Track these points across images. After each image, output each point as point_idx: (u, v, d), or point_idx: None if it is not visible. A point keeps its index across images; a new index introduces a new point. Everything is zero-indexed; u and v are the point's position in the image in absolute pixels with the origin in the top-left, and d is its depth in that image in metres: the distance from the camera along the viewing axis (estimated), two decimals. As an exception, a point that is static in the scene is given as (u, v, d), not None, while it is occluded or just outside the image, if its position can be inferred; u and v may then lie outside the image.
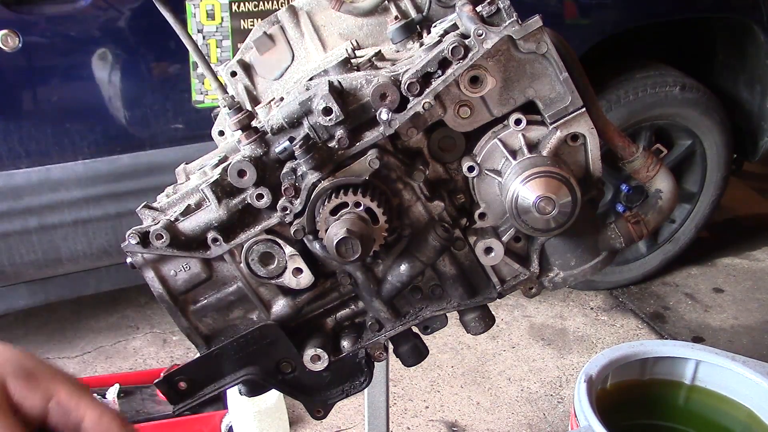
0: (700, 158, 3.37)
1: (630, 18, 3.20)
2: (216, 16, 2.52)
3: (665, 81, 3.15)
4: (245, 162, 0.92)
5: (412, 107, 0.92)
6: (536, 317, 3.36)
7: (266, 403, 2.48)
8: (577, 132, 0.96)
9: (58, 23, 2.43)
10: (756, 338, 3.22)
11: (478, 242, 0.99)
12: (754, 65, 3.43)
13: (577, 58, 0.99)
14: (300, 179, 0.93)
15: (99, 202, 2.61)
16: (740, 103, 3.52)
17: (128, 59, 2.54)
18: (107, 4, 2.47)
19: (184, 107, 2.62)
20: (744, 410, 1.83)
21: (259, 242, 0.96)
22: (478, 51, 0.91)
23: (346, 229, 0.86)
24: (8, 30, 2.31)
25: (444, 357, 3.02)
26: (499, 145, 0.96)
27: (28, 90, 2.49)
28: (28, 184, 2.50)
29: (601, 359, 1.82)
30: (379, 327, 1.04)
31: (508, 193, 0.92)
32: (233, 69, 1.32)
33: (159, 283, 0.97)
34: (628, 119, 3.11)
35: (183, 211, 0.96)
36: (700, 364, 1.88)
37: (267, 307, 1.01)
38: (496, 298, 1.04)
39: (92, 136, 2.55)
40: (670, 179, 1.06)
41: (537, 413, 2.76)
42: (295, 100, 0.94)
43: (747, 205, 4.46)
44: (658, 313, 3.41)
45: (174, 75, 2.60)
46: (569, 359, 3.08)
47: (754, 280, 3.64)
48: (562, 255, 1.03)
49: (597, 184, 1.00)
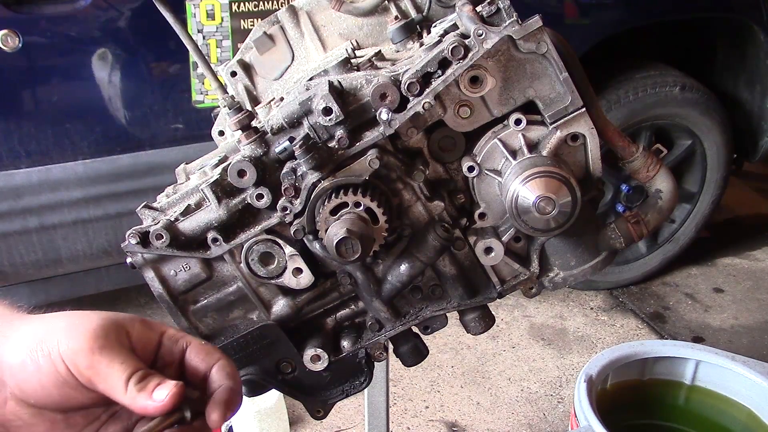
0: (700, 158, 3.37)
1: (630, 18, 3.20)
2: (216, 16, 2.52)
3: (665, 81, 3.15)
4: (245, 162, 0.92)
5: (412, 107, 0.92)
6: (536, 317, 3.36)
7: (266, 403, 2.48)
8: (577, 132, 0.96)
9: (58, 23, 2.43)
10: (756, 338, 3.22)
11: (478, 242, 0.99)
12: (754, 65, 3.43)
13: (577, 58, 0.99)
14: (300, 179, 0.93)
15: (99, 202, 2.61)
16: (740, 103, 3.53)
17: (128, 59, 2.54)
18: (107, 4, 2.47)
19: (184, 107, 2.62)
20: (744, 410, 1.83)
21: (259, 242, 0.96)
22: (478, 51, 0.91)
23: (346, 229, 0.86)
24: (8, 30, 2.31)
25: (444, 357, 3.02)
26: (499, 145, 0.96)
27: (28, 90, 2.49)
28: (28, 184, 2.50)
29: (601, 359, 1.82)
30: (379, 327, 1.04)
31: (508, 193, 0.92)
32: (233, 69, 1.32)
33: (159, 283, 0.97)
34: (628, 119, 3.11)
35: (183, 211, 0.96)
36: (700, 364, 1.88)
37: (267, 307, 1.01)
38: (496, 298, 1.04)
39: (92, 136, 2.55)
40: (670, 179, 1.06)
41: (537, 413, 2.76)
42: (295, 100, 0.94)
43: (747, 205, 4.46)
44: (658, 313, 3.42)
45: (174, 75, 2.61)
46: (569, 359, 3.08)
47: (754, 280, 3.64)
48: (562, 255, 1.03)
49: (597, 184, 1.00)
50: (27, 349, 0.69)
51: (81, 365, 0.68)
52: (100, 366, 0.68)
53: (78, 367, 0.68)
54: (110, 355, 0.69)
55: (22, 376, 0.69)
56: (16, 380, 0.70)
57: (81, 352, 0.68)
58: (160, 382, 0.69)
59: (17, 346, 0.70)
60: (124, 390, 0.68)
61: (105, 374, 0.68)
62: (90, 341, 0.69)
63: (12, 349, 0.70)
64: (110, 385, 0.68)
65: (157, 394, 0.68)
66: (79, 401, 0.71)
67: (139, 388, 0.68)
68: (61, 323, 0.71)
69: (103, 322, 0.71)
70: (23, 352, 0.69)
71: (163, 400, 0.68)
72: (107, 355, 0.69)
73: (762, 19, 3.24)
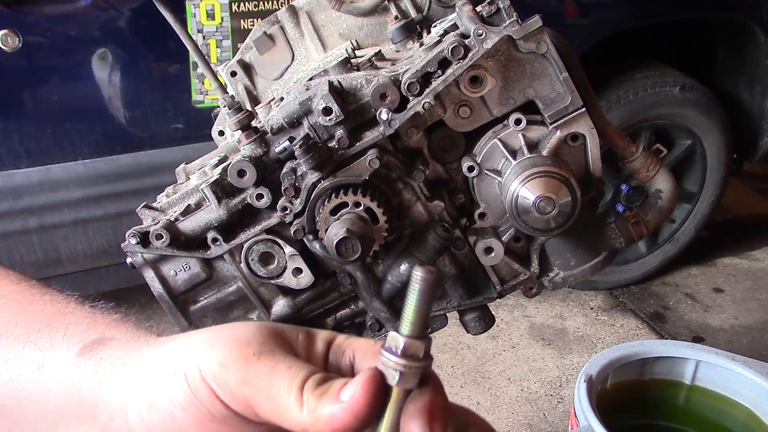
0: (700, 158, 3.37)
1: (630, 18, 3.20)
2: (216, 16, 2.52)
3: (665, 81, 3.15)
4: (245, 162, 0.92)
5: (412, 107, 0.92)
6: (536, 317, 3.36)
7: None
8: (577, 132, 0.96)
9: (58, 23, 2.43)
10: (756, 338, 3.22)
11: (478, 242, 0.99)
12: (754, 65, 3.43)
13: (577, 58, 0.99)
14: (300, 179, 0.93)
15: (99, 202, 2.61)
16: (740, 103, 3.53)
17: (128, 59, 2.54)
18: (107, 4, 2.47)
19: (183, 107, 2.62)
20: (744, 410, 1.83)
21: (259, 242, 0.96)
22: (478, 51, 0.91)
23: (346, 229, 0.86)
24: (8, 30, 2.31)
25: (444, 357, 3.02)
26: (499, 145, 0.96)
27: (28, 90, 2.49)
28: (28, 184, 2.50)
29: (601, 359, 1.82)
30: (379, 327, 1.04)
31: (508, 193, 0.92)
32: (233, 69, 1.32)
33: (159, 283, 0.97)
34: (628, 119, 3.12)
35: (183, 211, 0.96)
36: (700, 364, 1.88)
37: (267, 307, 1.01)
38: (496, 298, 1.04)
39: (92, 136, 2.55)
40: (670, 179, 1.06)
41: (537, 413, 2.76)
42: (295, 100, 0.94)
43: (747, 205, 4.46)
44: (658, 313, 3.41)
45: (174, 75, 2.60)
46: (569, 359, 3.08)
47: (754, 280, 3.64)
48: (562, 255, 1.03)
49: (597, 184, 1.00)
50: (153, 381, 0.51)
51: (232, 382, 0.49)
52: (259, 378, 0.49)
53: (228, 386, 0.49)
54: (272, 362, 0.50)
55: (151, 420, 0.51)
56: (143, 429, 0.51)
57: (231, 364, 0.50)
58: (346, 382, 0.49)
59: (141, 379, 0.53)
60: (299, 401, 0.48)
61: (268, 388, 0.48)
62: (243, 348, 0.51)
63: (136, 385, 0.53)
64: (277, 401, 0.48)
65: (345, 393, 0.48)
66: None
67: (320, 393, 0.48)
68: (200, 337, 0.54)
69: (258, 329, 0.54)
70: (149, 386, 0.52)
71: (355, 397, 0.47)
72: (268, 362, 0.50)
73: (762, 19, 3.24)
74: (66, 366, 0.56)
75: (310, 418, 0.47)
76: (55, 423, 0.56)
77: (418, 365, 0.48)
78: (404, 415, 0.48)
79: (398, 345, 0.48)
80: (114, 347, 0.56)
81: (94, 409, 0.54)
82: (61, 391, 0.55)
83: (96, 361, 0.55)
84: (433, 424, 0.48)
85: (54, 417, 0.56)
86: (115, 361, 0.55)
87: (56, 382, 0.56)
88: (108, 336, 0.58)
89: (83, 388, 0.55)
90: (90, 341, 0.57)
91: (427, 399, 0.49)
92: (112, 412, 0.53)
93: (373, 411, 0.47)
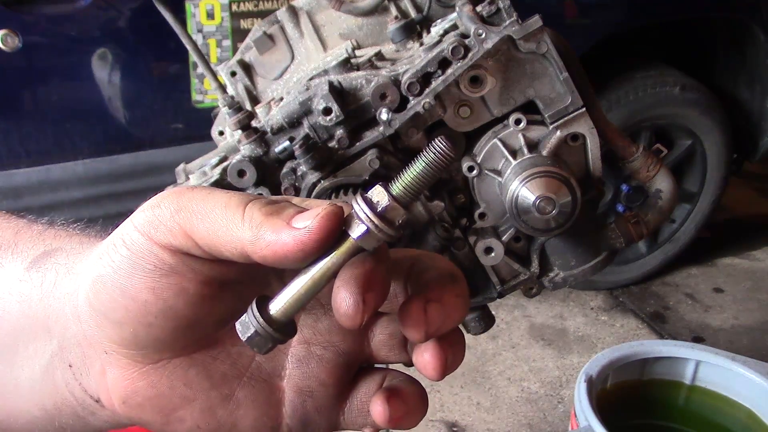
0: (700, 158, 3.37)
1: (630, 18, 3.20)
2: (216, 16, 2.52)
3: (665, 81, 3.15)
4: (245, 162, 0.92)
5: (412, 107, 0.92)
6: (536, 317, 3.36)
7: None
8: (577, 132, 0.96)
9: (58, 23, 2.43)
10: (756, 338, 3.22)
11: (478, 242, 0.99)
12: (754, 65, 3.43)
13: (577, 58, 0.99)
14: (300, 179, 0.93)
15: (99, 202, 2.61)
16: (740, 103, 3.52)
17: (128, 59, 2.54)
18: (107, 4, 2.47)
19: (183, 107, 2.62)
20: (744, 410, 1.83)
21: (259, 242, 0.95)
22: (478, 51, 0.91)
23: (346, 229, 0.86)
24: (8, 30, 2.31)
25: (444, 357, 3.02)
26: (499, 144, 0.96)
27: (28, 90, 2.49)
28: (28, 184, 2.50)
29: (601, 359, 1.82)
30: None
31: (508, 193, 0.92)
32: (233, 69, 1.32)
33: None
34: (629, 119, 3.11)
35: (183, 211, 0.96)
36: (700, 364, 1.87)
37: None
38: (496, 298, 1.04)
39: (92, 136, 2.55)
40: (670, 179, 1.06)
41: (537, 413, 2.76)
42: (295, 100, 0.94)
43: (747, 205, 4.45)
44: (658, 313, 3.41)
45: (174, 75, 2.61)
46: (569, 359, 3.07)
47: (754, 280, 3.64)
48: (562, 255, 1.03)
49: (597, 184, 1.00)
50: (95, 268, 0.46)
51: (165, 216, 0.43)
52: (193, 203, 0.43)
53: (161, 221, 0.43)
54: (209, 189, 0.44)
55: (103, 306, 0.45)
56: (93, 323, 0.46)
57: (164, 201, 0.44)
58: (300, 210, 0.42)
59: (85, 276, 0.47)
60: (239, 214, 0.41)
61: (203, 207, 0.42)
62: (178, 189, 0.45)
63: (81, 285, 0.47)
64: (214, 218, 0.41)
65: (299, 221, 0.41)
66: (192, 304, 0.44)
67: (269, 212, 0.41)
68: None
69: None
70: (92, 275, 0.46)
71: (309, 228, 0.40)
72: (204, 189, 0.44)
73: (762, 19, 3.24)
74: (14, 283, 0.53)
75: (251, 234, 0.40)
76: (13, 344, 0.53)
77: (388, 232, 0.42)
78: (339, 277, 0.42)
79: (380, 201, 0.42)
80: (59, 256, 0.53)
81: (47, 321, 0.51)
82: (13, 310, 0.53)
83: (42, 272, 0.52)
84: (367, 294, 0.42)
85: (11, 338, 0.53)
86: (59, 269, 0.52)
87: (8, 301, 0.53)
88: (55, 247, 0.56)
89: (32, 303, 0.52)
90: (38, 255, 0.55)
91: (368, 267, 0.42)
92: (65, 321, 0.49)
93: (321, 252, 0.41)
